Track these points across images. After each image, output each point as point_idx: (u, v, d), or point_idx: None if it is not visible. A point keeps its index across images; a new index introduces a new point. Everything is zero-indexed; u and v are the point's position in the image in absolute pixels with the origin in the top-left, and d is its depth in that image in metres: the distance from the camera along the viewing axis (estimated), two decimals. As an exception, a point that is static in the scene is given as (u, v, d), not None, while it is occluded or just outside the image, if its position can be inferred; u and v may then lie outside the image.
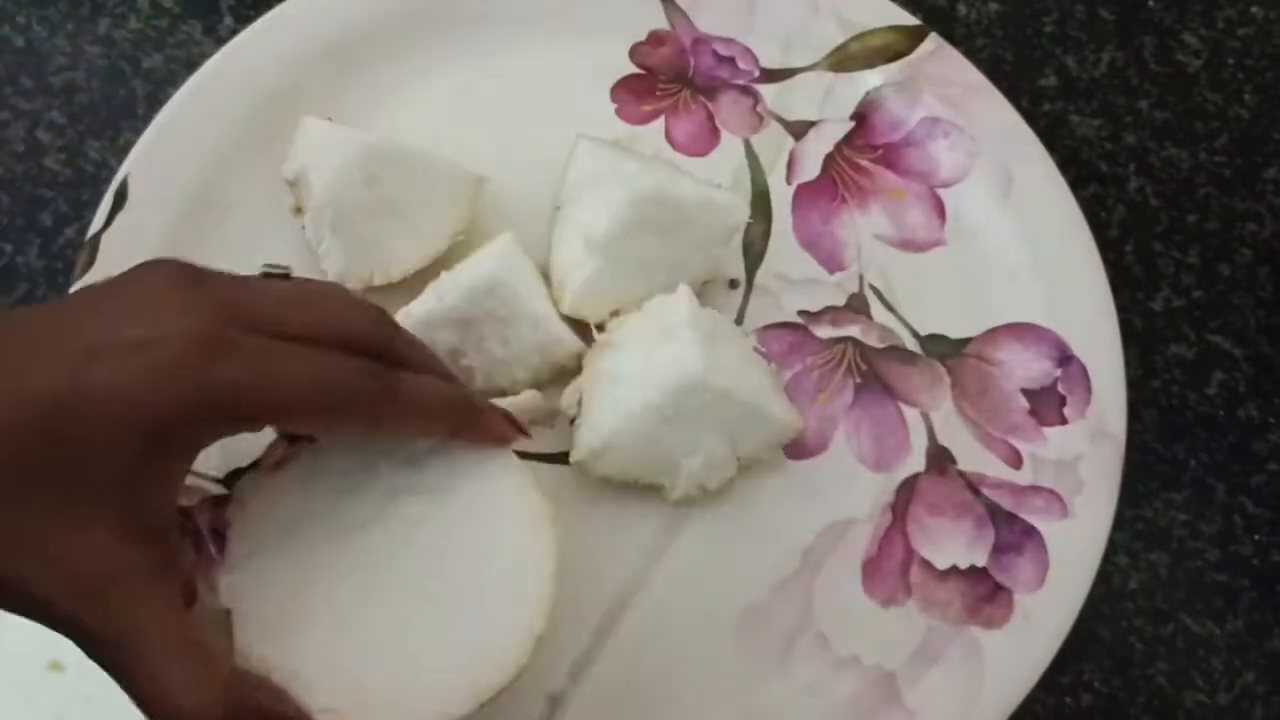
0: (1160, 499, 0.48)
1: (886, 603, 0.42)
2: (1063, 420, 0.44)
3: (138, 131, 0.46)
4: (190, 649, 0.29)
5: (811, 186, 0.48)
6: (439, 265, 0.43)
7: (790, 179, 0.48)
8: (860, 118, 0.50)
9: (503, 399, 0.38)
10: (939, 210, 0.48)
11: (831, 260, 0.47)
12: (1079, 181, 0.53)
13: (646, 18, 0.50)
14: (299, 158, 0.44)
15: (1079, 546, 0.42)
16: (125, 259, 0.41)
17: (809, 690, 0.40)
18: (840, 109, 0.50)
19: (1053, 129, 0.55)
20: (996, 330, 0.46)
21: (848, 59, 0.50)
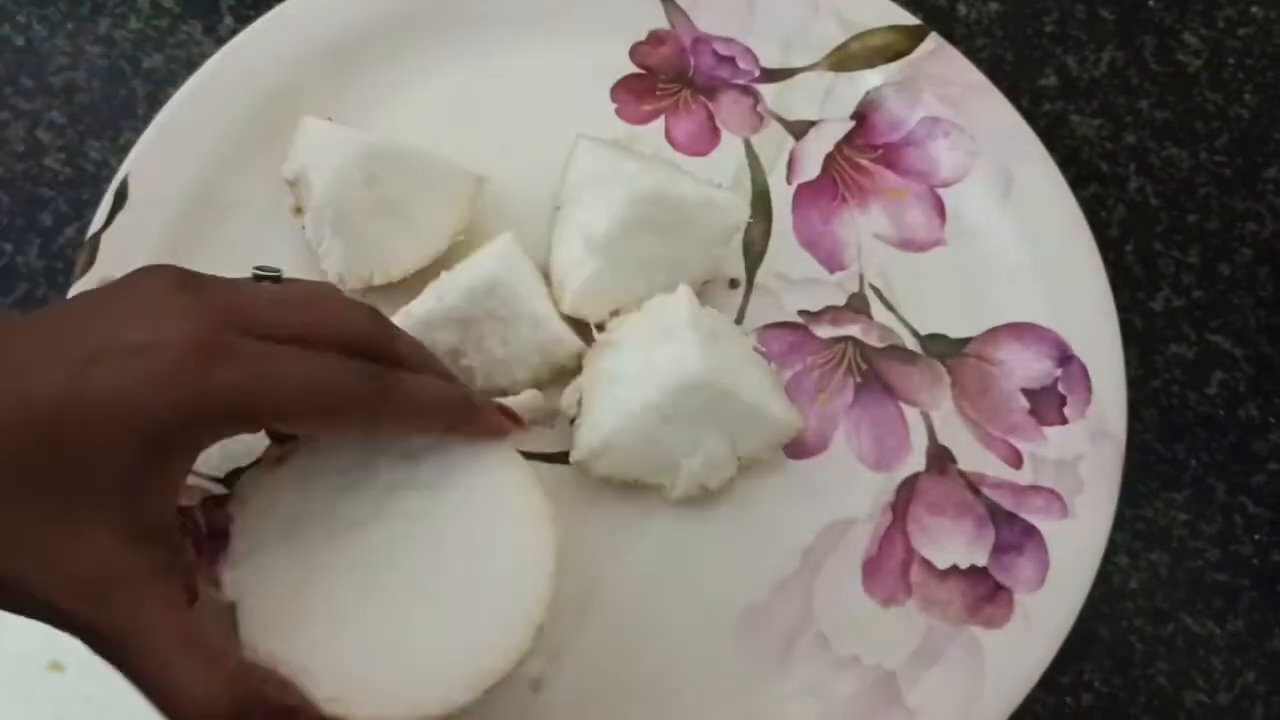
0: (1160, 499, 0.48)
1: (887, 602, 0.42)
2: (1063, 420, 0.44)
3: (138, 131, 0.46)
4: (195, 644, 0.29)
5: (812, 186, 0.48)
6: (439, 265, 0.43)
7: (790, 179, 0.48)
8: (860, 117, 0.50)
9: (503, 399, 0.38)
10: (939, 210, 0.48)
11: (832, 260, 0.47)
12: (1079, 181, 0.53)
13: (646, 17, 0.50)
14: (299, 158, 0.44)
15: (1079, 546, 0.42)
16: (125, 259, 0.42)
17: (809, 690, 0.40)
18: (840, 109, 0.50)
19: (1053, 129, 0.55)
20: (997, 330, 0.46)
21: (848, 59, 0.50)
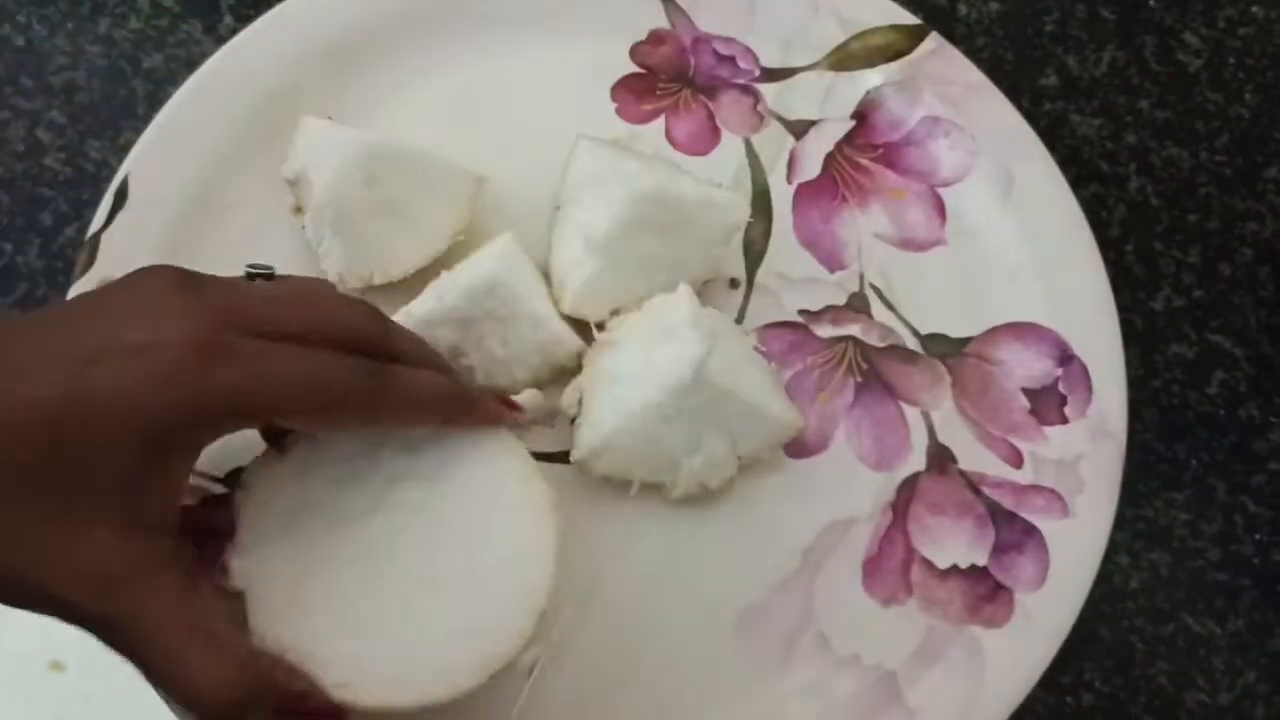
0: (1161, 498, 0.48)
1: (887, 602, 0.42)
2: (1063, 419, 0.44)
3: (138, 131, 0.46)
4: (204, 632, 0.30)
5: (812, 186, 0.48)
6: (439, 265, 0.43)
7: (791, 178, 0.48)
8: (861, 117, 0.49)
9: (502, 396, 0.39)
10: (939, 209, 0.48)
11: (832, 259, 0.47)
12: (1080, 181, 0.53)
13: (647, 17, 0.50)
14: (299, 157, 0.44)
15: (1080, 546, 0.42)
16: (125, 258, 0.42)
17: (809, 690, 0.40)
18: (841, 108, 0.50)
19: (1053, 128, 0.55)
20: (997, 329, 0.46)
21: (848, 58, 0.50)
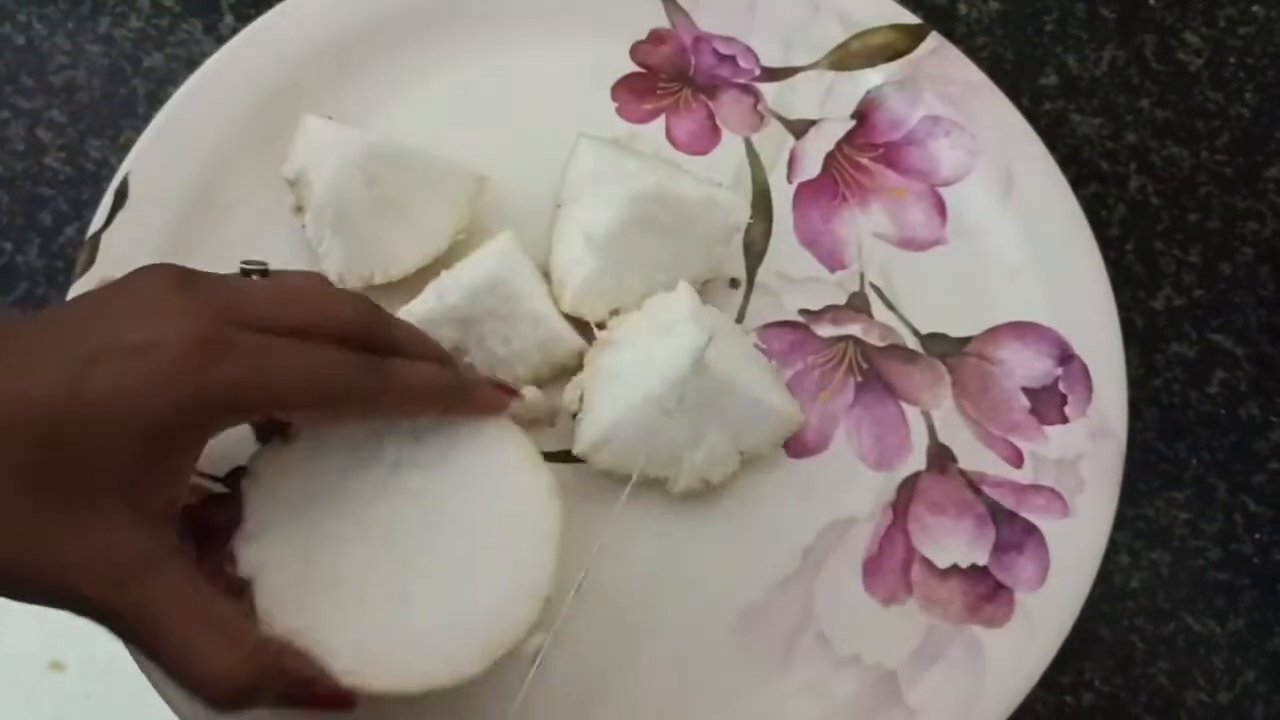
0: (1161, 498, 0.48)
1: (887, 601, 0.42)
2: (1064, 419, 0.44)
3: (138, 130, 0.46)
4: (212, 620, 0.30)
5: (812, 185, 0.48)
6: (439, 264, 0.43)
7: (791, 178, 0.48)
8: (861, 116, 0.49)
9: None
10: (940, 209, 0.48)
11: (832, 259, 0.47)
12: (1080, 180, 0.53)
13: (647, 16, 0.50)
14: (299, 157, 0.44)
15: (1080, 545, 0.42)
16: (126, 258, 0.42)
17: (810, 689, 0.40)
18: (841, 107, 0.50)
19: (1054, 128, 0.55)
20: (997, 329, 0.46)
21: (848, 57, 0.50)
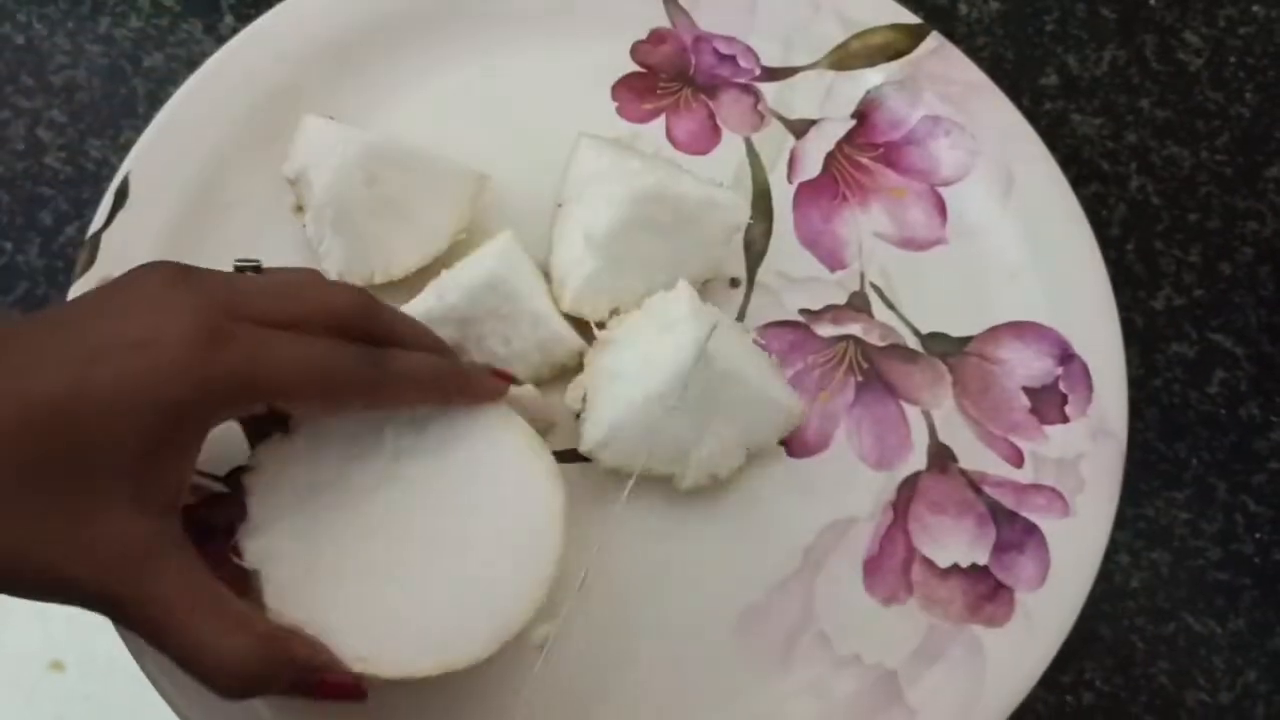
0: (1162, 497, 0.48)
1: (888, 601, 0.42)
2: (1064, 419, 0.44)
3: (138, 130, 0.46)
4: (221, 609, 0.30)
5: (812, 185, 0.48)
6: (440, 264, 0.43)
7: (791, 177, 0.48)
8: (861, 116, 0.49)
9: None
10: (940, 209, 0.48)
11: (833, 258, 0.47)
12: (1080, 180, 0.53)
13: (647, 16, 0.50)
14: (300, 156, 0.44)
15: (1080, 545, 0.42)
16: (126, 257, 0.42)
17: (810, 689, 0.40)
18: (841, 107, 0.50)
19: (1054, 127, 0.55)
20: (998, 329, 0.46)
21: (849, 57, 0.50)
